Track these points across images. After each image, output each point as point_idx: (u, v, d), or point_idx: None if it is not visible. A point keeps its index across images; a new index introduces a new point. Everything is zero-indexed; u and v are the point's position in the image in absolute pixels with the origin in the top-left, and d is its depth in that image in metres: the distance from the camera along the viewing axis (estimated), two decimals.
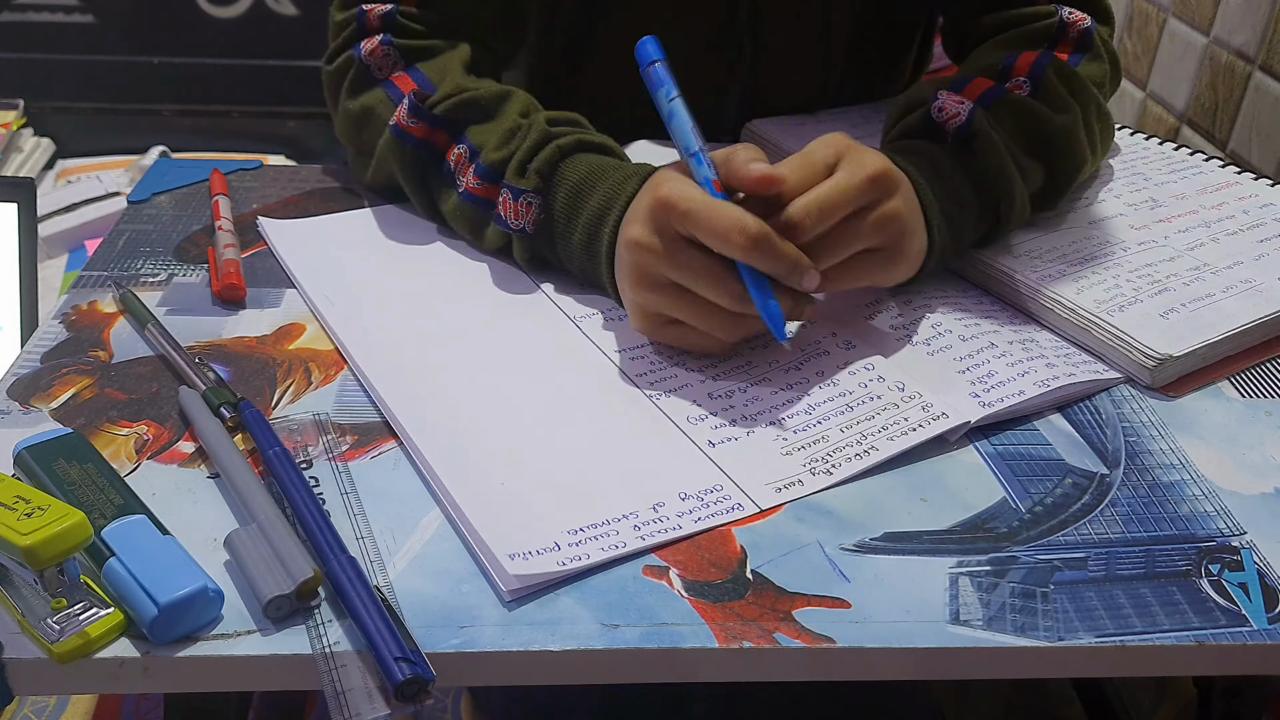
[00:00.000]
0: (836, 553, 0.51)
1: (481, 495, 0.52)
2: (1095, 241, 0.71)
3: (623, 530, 0.51)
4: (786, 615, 0.47)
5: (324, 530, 0.49)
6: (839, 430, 0.57)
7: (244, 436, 0.56)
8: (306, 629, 0.46)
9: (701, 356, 0.62)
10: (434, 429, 0.56)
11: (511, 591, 0.47)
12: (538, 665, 0.46)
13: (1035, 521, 0.53)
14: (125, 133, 1.78)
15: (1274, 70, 1.02)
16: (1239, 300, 0.65)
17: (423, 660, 0.44)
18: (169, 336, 0.63)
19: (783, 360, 0.62)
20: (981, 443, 0.58)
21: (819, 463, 0.55)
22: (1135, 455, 0.58)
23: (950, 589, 0.49)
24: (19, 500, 0.44)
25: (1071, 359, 0.63)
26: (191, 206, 0.79)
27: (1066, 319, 0.65)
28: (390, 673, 0.43)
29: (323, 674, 0.44)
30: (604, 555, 0.49)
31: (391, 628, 0.44)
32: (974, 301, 0.69)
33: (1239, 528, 0.54)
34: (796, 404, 0.59)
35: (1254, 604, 0.49)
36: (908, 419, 0.58)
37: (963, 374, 0.61)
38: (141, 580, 0.45)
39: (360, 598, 0.45)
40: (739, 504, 0.53)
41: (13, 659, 0.44)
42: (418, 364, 0.62)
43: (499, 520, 0.50)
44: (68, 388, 0.60)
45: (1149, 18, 1.24)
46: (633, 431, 0.57)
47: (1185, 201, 0.76)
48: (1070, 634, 0.47)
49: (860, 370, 0.61)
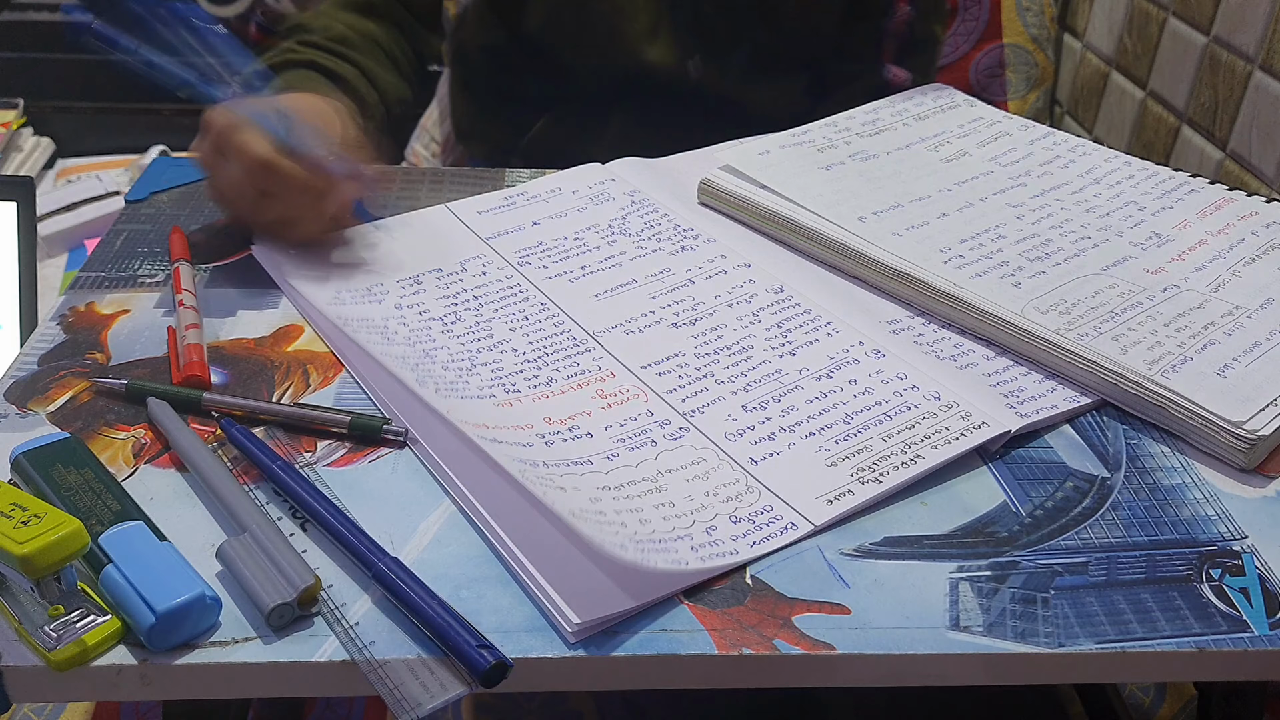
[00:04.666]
0: (836, 558, 0.51)
1: (541, 547, 0.50)
2: (1118, 291, 0.68)
3: (681, 549, 0.50)
4: (786, 621, 0.47)
5: (359, 536, 0.49)
6: (880, 439, 0.57)
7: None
8: (336, 635, 0.46)
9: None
10: (489, 468, 0.54)
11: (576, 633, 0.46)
12: (538, 672, 0.45)
13: (1036, 526, 0.53)
14: (125, 132, 1.77)
15: (1274, 70, 1.01)
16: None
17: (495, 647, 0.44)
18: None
19: (812, 368, 0.62)
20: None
21: (866, 471, 0.55)
22: (1136, 458, 0.58)
23: (950, 594, 0.49)
24: (15, 508, 0.44)
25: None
26: (190, 206, 0.79)
27: (1113, 383, 0.61)
28: (474, 662, 0.43)
29: (370, 676, 0.44)
30: (667, 566, 0.48)
31: (461, 619, 0.45)
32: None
33: (1240, 531, 0.53)
34: (833, 412, 0.59)
35: (1255, 609, 0.49)
36: (949, 428, 0.57)
37: (994, 387, 0.61)
38: (139, 587, 0.45)
39: (420, 595, 0.46)
40: (792, 523, 0.52)
41: (10, 667, 0.44)
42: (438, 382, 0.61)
43: (561, 572, 0.48)
44: (65, 390, 0.60)
45: (1149, 17, 1.24)
46: (670, 453, 0.56)
47: (1190, 231, 0.74)
48: (1071, 640, 0.47)
49: (894, 380, 0.61)
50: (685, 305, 0.68)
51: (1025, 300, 0.66)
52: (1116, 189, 0.79)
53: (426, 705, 0.43)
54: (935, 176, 0.80)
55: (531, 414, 0.59)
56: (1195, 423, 0.58)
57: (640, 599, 0.47)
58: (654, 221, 0.77)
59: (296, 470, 0.53)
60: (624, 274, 0.71)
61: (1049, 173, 0.81)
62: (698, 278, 0.71)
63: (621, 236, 0.76)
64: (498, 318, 0.67)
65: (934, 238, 0.72)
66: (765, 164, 0.79)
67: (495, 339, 0.65)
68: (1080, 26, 1.43)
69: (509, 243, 0.75)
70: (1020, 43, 1.48)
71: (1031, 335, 0.63)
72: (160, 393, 0.58)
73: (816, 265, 0.73)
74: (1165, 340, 0.63)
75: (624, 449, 0.56)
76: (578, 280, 0.71)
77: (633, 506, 0.52)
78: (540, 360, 0.63)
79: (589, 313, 0.68)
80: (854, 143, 0.83)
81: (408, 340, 0.64)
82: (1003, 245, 0.72)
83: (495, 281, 0.71)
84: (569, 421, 0.58)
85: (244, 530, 0.49)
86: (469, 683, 0.44)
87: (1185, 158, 1.16)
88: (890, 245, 0.71)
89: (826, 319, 0.67)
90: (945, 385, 0.61)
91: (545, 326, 0.66)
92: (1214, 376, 0.60)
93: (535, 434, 0.57)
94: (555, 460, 0.55)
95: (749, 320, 0.67)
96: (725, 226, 0.77)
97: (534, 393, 0.61)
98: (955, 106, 0.90)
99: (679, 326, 0.66)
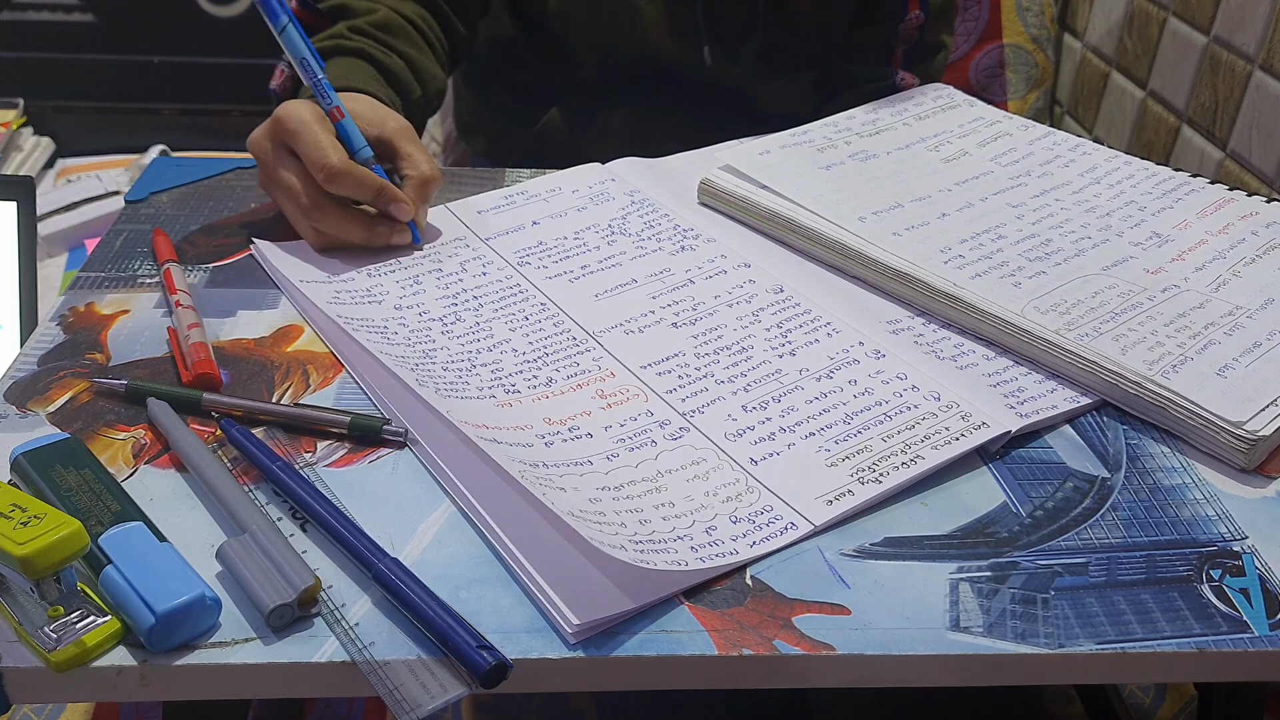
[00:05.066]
0: (836, 558, 0.51)
1: (541, 547, 0.50)
2: (1118, 291, 0.68)
3: (680, 549, 0.50)
4: (786, 622, 0.47)
5: (359, 536, 0.49)
6: (880, 440, 0.57)
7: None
8: (336, 636, 0.46)
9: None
10: (491, 460, 0.54)
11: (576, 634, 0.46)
12: (537, 673, 0.45)
13: (1036, 526, 0.53)
14: (125, 132, 1.78)
15: (1274, 70, 1.01)
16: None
17: (495, 647, 0.44)
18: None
19: (812, 368, 0.62)
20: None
21: (866, 471, 0.55)
22: (1136, 458, 0.58)
23: (950, 595, 0.49)
24: (15, 508, 0.44)
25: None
26: (190, 206, 0.79)
27: (1113, 383, 0.61)
28: (474, 662, 0.43)
29: (370, 677, 0.44)
30: (667, 566, 0.48)
31: (461, 619, 0.45)
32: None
33: (1240, 532, 0.53)
34: (833, 412, 0.59)
35: (1255, 610, 0.49)
36: (949, 428, 0.57)
37: (994, 387, 0.61)
38: (139, 588, 0.45)
39: (420, 596, 0.46)
40: (792, 523, 0.52)
41: (10, 668, 0.44)
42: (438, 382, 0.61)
43: (561, 573, 0.48)
44: (65, 391, 0.60)
45: (1149, 18, 1.24)
46: (670, 453, 0.56)
47: (1190, 231, 0.74)
48: (1071, 641, 0.47)
49: (894, 380, 0.61)
50: (685, 305, 0.68)
51: (1025, 300, 0.66)
52: (1117, 189, 0.79)
53: (426, 706, 0.43)
54: (935, 176, 0.80)
55: (531, 414, 0.59)
56: (1195, 423, 0.58)
57: (640, 600, 0.47)
58: (654, 221, 0.77)
59: (296, 471, 0.53)
60: (624, 274, 0.71)
61: (1049, 173, 0.81)
62: (698, 278, 0.71)
63: (621, 236, 0.76)
64: (498, 318, 0.67)
65: (934, 238, 0.72)
66: (765, 164, 0.79)
67: (495, 339, 0.65)
68: (1080, 26, 1.43)
69: (509, 242, 0.75)
70: (1020, 43, 1.48)
71: (1032, 335, 0.63)
72: (160, 393, 0.58)
73: (816, 265, 0.73)
74: (1165, 340, 0.63)
75: (624, 449, 0.56)
76: (578, 280, 0.71)
77: (632, 507, 0.52)
78: (540, 360, 0.63)
79: (589, 313, 0.68)
80: (854, 142, 0.83)
81: (407, 341, 0.64)
82: (1003, 245, 0.72)
83: (495, 281, 0.71)
84: (569, 422, 0.58)
85: (244, 531, 0.49)
86: (469, 683, 0.44)
87: (1185, 158, 1.16)
88: (890, 245, 0.71)
89: (826, 319, 0.67)
90: (945, 385, 0.61)
91: (545, 326, 0.66)
92: (1214, 377, 0.60)
93: (535, 434, 0.57)
94: (555, 461, 0.55)
95: (749, 320, 0.67)
96: (725, 226, 0.77)
97: (534, 393, 0.60)
98: (955, 106, 0.90)
99: (679, 326, 0.66)
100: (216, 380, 0.60)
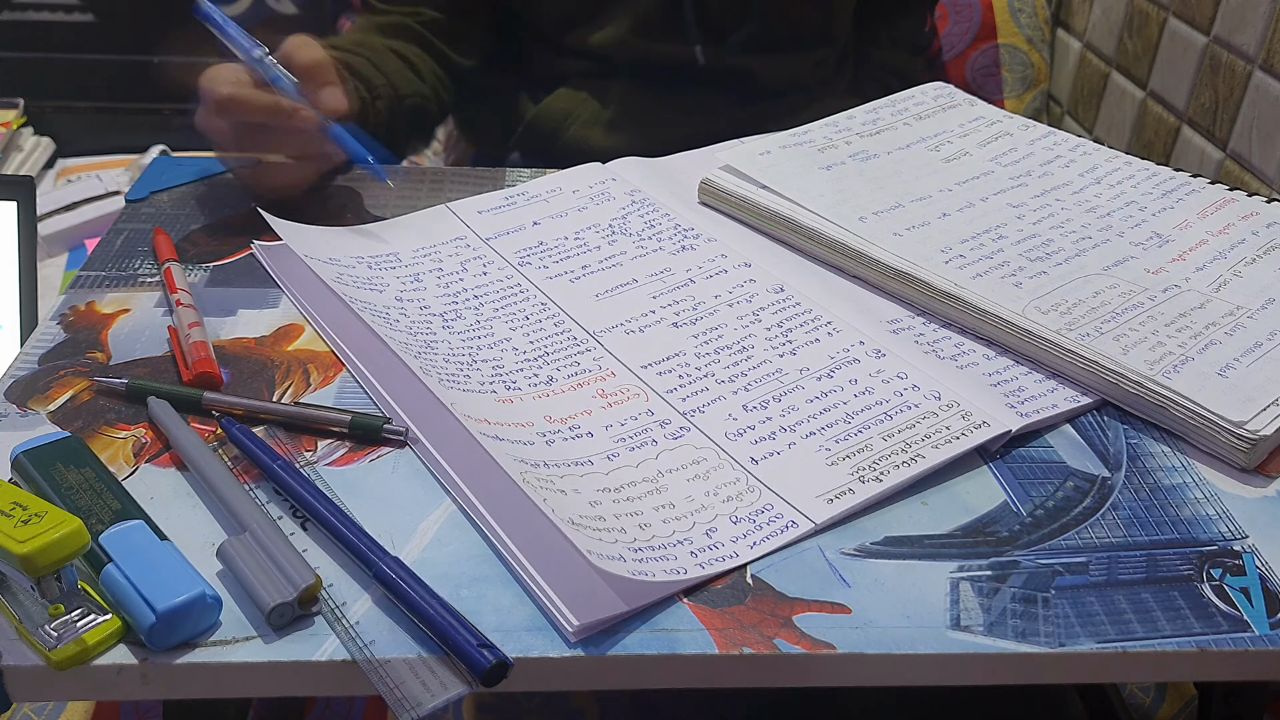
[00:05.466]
0: (837, 557, 0.51)
1: (541, 548, 0.49)
2: (1119, 291, 0.67)
3: (680, 555, 0.50)
4: (787, 620, 0.47)
5: (360, 535, 0.49)
6: (881, 439, 0.57)
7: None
8: (336, 634, 0.46)
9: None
10: (492, 461, 0.54)
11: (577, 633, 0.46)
12: (538, 671, 0.45)
13: (1036, 525, 0.53)
14: (125, 132, 1.77)
15: (1274, 70, 1.01)
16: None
17: (495, 646, 0.44)
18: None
19: (813, 367, 0.62)
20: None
21: (866, 471, 0.55)
22: (1137, 457, 0.58)
23: (951, 594, 0.49)
24: (16, 506, 0.44)
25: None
26: (190, 205, 0.79)
27: (1114, 383, 0.61)
28: (475, 661, 0.43)
29: (370, 675, 0.44)
30: (666, 576, 0.48)
31: (462, 618, 0.45)
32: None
33: (1241, 531, 0.53)
34: (834, 412, 0.59)
35: (1256, 609, 0.49)
36: (949, 427, 0.57)
37: (994, 387, 0.61)
38: (139, 586, 0.45)
39: (420, 595, 0.46)
40: (792, 522, 0.52)
41: (10, 666, 0.44)
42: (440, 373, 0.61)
43: (561, 573, 0.48)
44: (65, 390, 0.60)
45: (1149, 18, 1.24)
46: (670, 452, 0.56)
47: (1191, 231, 0.74)
48: (1071, 640, 0.47)
49: (894, 379, 0.61)
50: (685, 305, 0.68)
51: (1026, 300, 0.66)
52: (1117, 189, 0.79)
53: (427, 704, 0.43)
54: (936, 176, 0.80)
55: (532, 412, 0.59)
56: (1196, 423, 0.58)
57: (639, 604, 0.47)
58: (654, 221, 0.77)
59: (297, 469, 0.53)
60: (624, 274, 0.71)
61: (1050, 173, 0.81)
62: (698, 277, 0.71)
63: (622, 236, 0.76)
64: (498, 317, 0.67)
65: (935, 237, 0.72)
66: (765, 164, 0.79)
67: (496, 337, 0.65)
68: (1079, 26, 1.43)
69: (509, 243, 0.75)
70: (1015, 43, 1.48)
71: (1032, 335, 0.63)
72: (161, 392, 0.58)
73: (817, 265, 0.73)
74: (1166, 340, 0.63)
75: (624, 449, 0.56)
76: (578, 280, 0.71)
77: (632, 510, 0.52)
78: (541, 359, 0.63)
79: (589, 312, 0.68)
80: (854, 142, 0.83)
81: (409, 330, 0.64)
82: (1003, 245, 0.72)
83: (496, 281, 0.71)
84: (569, 420, 0.58)
85: (244, 529, 0.49)
86: (469, 682, 0.44)
87: (1185, 158, 1.16)
88: (891, 245, 0.71)
89: (827, 319, 0.67)
90: (946, 385, 0.61)
91: (546, 326, 0.66)
92: (1215, 377, 0.60)
93: (536, 432, 0.57)
94: (556, 460, 0.55)
95: (749, 320, 0.67)
96: (725, 226, 0.77)
97: (534, 391, 0.61)
98: (956, 105, 0.90)
99: (679, 326, 0.66)
100: (217, 379, 0.60)
